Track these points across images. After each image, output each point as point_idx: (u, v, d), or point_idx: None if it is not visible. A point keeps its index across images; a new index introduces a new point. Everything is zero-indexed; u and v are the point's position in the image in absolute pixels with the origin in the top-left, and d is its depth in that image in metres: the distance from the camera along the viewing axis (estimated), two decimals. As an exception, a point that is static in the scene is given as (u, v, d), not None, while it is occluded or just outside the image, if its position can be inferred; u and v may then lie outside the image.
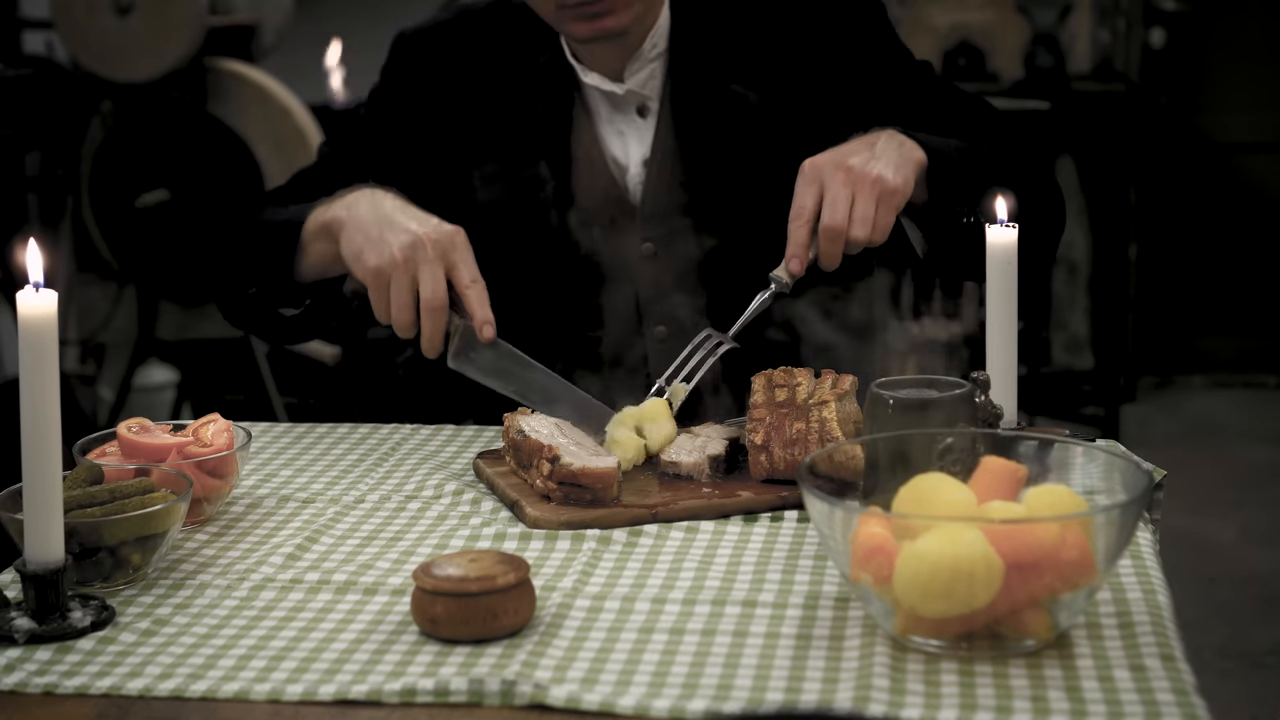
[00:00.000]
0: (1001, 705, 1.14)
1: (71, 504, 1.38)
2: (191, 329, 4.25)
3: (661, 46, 1.93)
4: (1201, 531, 4.37)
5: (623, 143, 1.95)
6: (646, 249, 1.94)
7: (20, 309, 1.27)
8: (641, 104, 1.94)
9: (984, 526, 1.18)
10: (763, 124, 1.92)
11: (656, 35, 1.92)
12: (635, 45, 1.91)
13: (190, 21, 4.00)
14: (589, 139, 1.95)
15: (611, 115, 1.95)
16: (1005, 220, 1.59)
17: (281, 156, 4.07)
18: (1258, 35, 5.71)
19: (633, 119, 1.95)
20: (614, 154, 1.95)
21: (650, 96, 1.94)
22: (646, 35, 1.91)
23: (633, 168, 1.94)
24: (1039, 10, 5.42)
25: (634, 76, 1.93)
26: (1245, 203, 5.76)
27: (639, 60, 1.92)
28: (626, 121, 1.95)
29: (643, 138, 1.94)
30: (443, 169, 1.98)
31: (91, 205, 4.18)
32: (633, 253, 1.94)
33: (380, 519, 1.59)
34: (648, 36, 1.91)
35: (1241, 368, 5.83)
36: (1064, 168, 5.36)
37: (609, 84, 1.93)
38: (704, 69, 1.92)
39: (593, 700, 1.17)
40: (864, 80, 1.94)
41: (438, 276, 1.67)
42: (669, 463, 1.65)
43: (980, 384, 1.53)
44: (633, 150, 1.94)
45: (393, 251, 1.67)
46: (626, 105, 1.94)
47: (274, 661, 1.25)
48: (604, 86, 1.93)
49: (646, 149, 1.94)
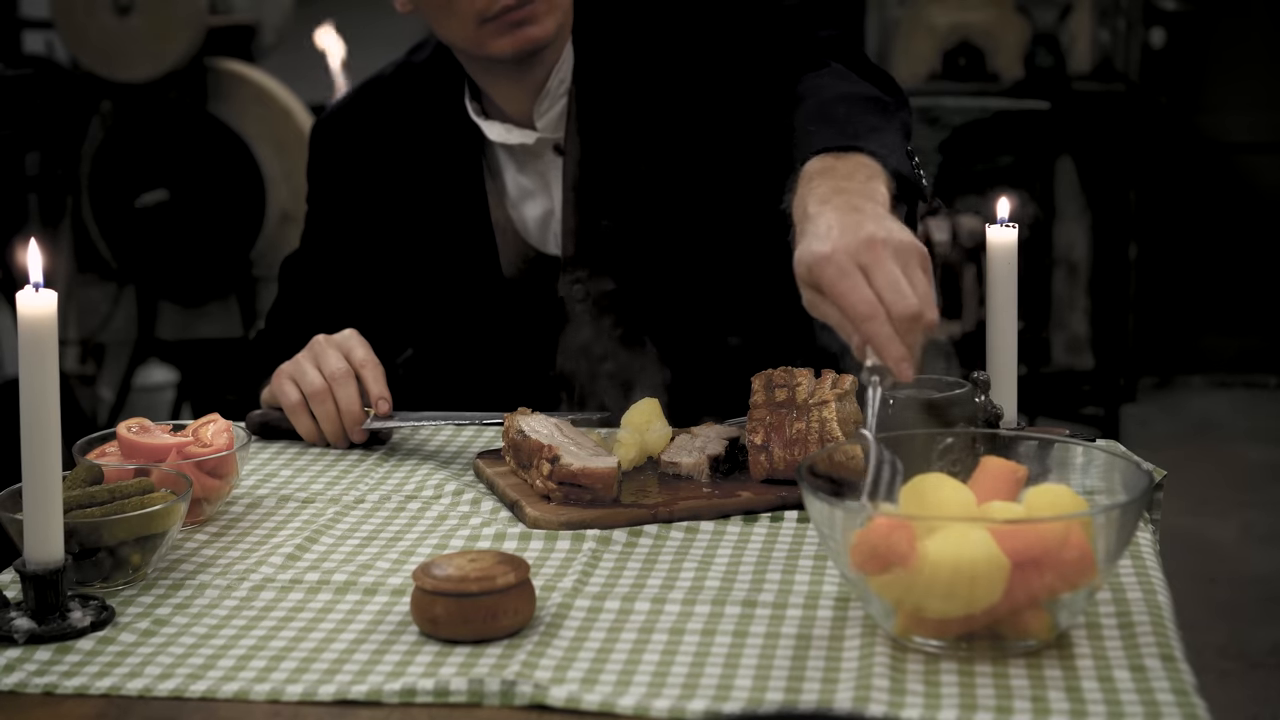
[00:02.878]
0: (1001, 705, 1.14)
1: (71, 504, 1.38)
2: (191, 329, 4.25)
3: (568, 82, 1.90)
4: (1201, 531, 4.37)
5: (544, 184, 1.93)
6: (577, 292, 1.93)
7: (20, 309, 1.27)
8: (556, 144, 1.92)
9: (989, 526, 1.18)
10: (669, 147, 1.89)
11: (562, 70, 1.89)
12: (542, 80, 1.89)
13: (190, 21, 4.01)
14: (499, 210, 1.95)
15: (524, 164, 1.94)
16: (1005, 220, 1.59)
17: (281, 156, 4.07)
18: (1258, 35, 5.72)
19: (552, 159, 1.93)
20: (524, 216, 1.95)
21: (561, 138, 1.91)
22: (553, 69, 1.89)
23: (556, 209, 1.93)
24: (1039, 10, 5.42)
25: (544, 118, 1.90)
26: (1245, 203, 5.76)
27: (547, 98, 1.90)
28: (544, 163, 1.93)
29: (560, 176, 1.93)
30: (381, 246, 1.99)
31: (91, 205, 4.19)
32: (565, 296, 1.94)
33: (380, 519, 1.59)
34: (554, 71, 1.89)
35: (1241, 368, 5.83)
36: (1064, 168, 5.36)
37: (519, 134, 1.91)
38: (611, 100, 1.89)
39: (593, 700, 1.17)
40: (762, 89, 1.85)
41: (337, 357, 1.79)
42: (669, 463, 1.65)
43: (980, 384, 1.54)
44: (554, 190, 1.93)
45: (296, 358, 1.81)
46: (540, 150, 1.93)
47: (274, 661, 1.25)
48: (513, 139, 1.91)
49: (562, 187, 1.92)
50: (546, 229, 1.95)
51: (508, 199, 1.95)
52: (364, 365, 1.79)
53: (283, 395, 1.80)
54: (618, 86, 1.90)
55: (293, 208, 4.05)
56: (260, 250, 4.14)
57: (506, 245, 1.96)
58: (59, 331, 1.30)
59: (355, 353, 1.80)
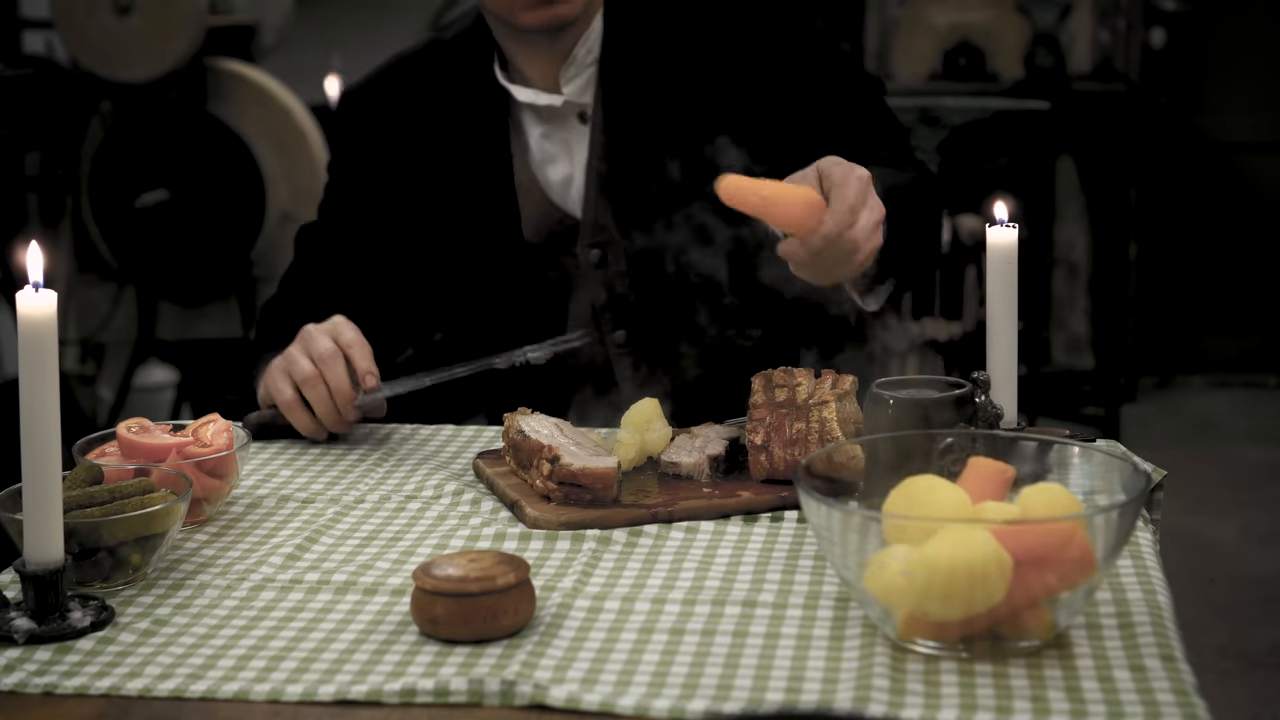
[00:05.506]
0: (1001, 705, 1.14)
1: (71, 504, 1.38)
2: (191, 329, 4.25)
3: (596, 53, 1.95)
4: (1201, 531, 4.37)
5: (567, 152, 1.98)
6: (593, 256, 1.98)
7: (20, 309, 1.27)
8: (581, 111, 1.97)
9: (991, 527, 1.18)
10: (696, 126, 1.93)
11: (590, 41, 1.95)
12: (569, 48, 1.94)
13: (190, 21, 4.00)
14: (522, 165, 1.99)
15: (551, 129, 1.98)
16: (1005, 220, 1.59)
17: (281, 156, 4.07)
18: (1258, 35, 5.71)
19: (575, 126, 1.98)
20: (551, 173, 1.99)
21: (588, 104, 1.97)
22: (580, 39, 1.94)
23: (577, 176, 1.98)
24: (1039, 10, 5.42)
25: (571, 84, 1.96)
26: (1245, 203, 5.76)
27: (574, 66, 1.95)
28: (568, 130, 1.98)
29: (584, 144, 1.98)
30: (403, 215, 2.03)
31: (91, 205, 4.18)
32: (582, 262, 1.98)
33: (380, 519, 1.59)
34: (580, 41, 1.94)
35: (1241, 368, 5.83)
36: (1064, 168, 5.36)
37: (545, 97, 1.96)
38: (637, 74, 1.95)
39: (593, 700, 1.17)
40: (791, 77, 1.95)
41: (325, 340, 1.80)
42: (669, 463, 1.65)
43: (980, 384, 1.54)
44: (577, 158, 1.98)
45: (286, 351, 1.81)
46: (566, 114, 1.97)
47: (274, 661, 1.25)
48: (540, 101, 1.96)
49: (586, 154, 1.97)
50: (567, 193, 1.99)
51: (532, 160, 1.99)
52: (351, 345, 1.80)
53: (278, 393, 1.81)
54: (645, 61, 1.95)
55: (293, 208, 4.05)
56: (260, 250, 4.14)
57: (530, 206, 1.99)
58: (59, 331, 1.30)
59: (343, 334, 1.81)
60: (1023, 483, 1.30)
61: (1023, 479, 1.32)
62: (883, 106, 2.01)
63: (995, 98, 5.18)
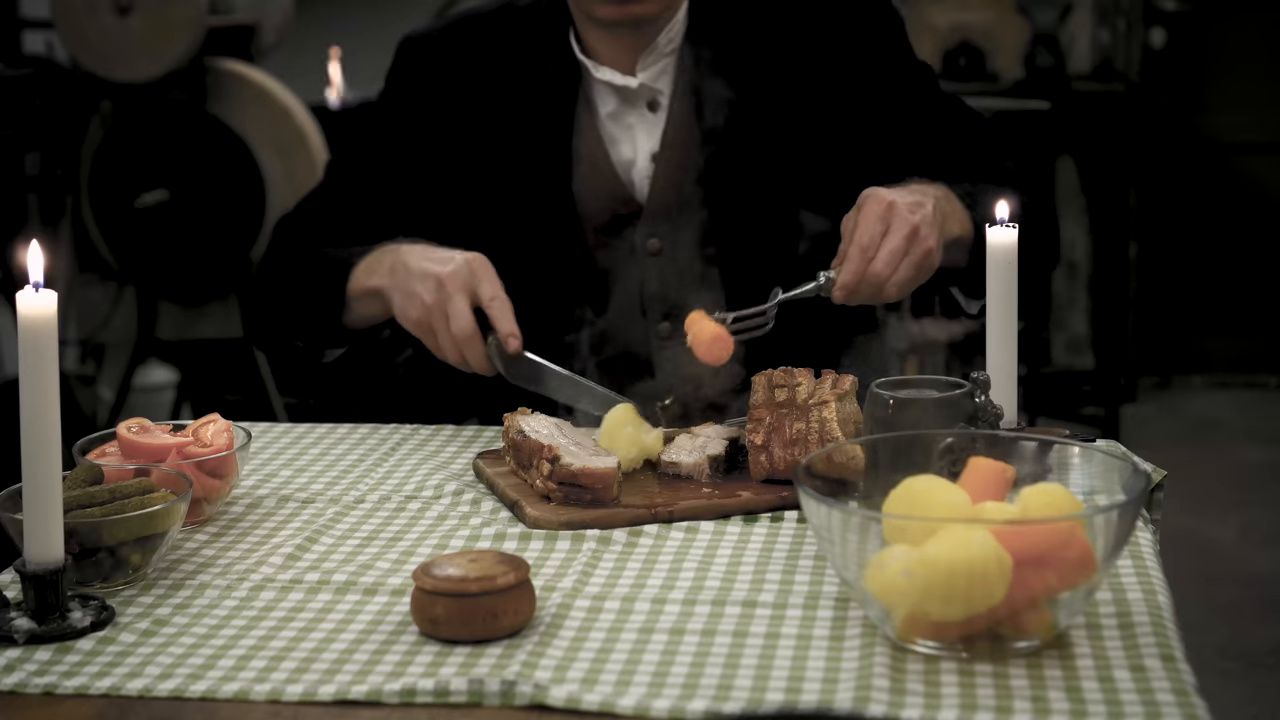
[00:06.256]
0: (1001, 705, 1.14)
1: (71, 504, 1.38)
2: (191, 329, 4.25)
3: (677, 43, 1.95)
4: (1202, 531, 4.37)
5: (631, 137, 1.97)
6: (652, 245, 1.96)
7: (20, 309, 1.27)
8: (652, 98, 1.96)
9: (991, 527, 1.18)
10: (772, 124, 1.94)
11: (673, 30, 1.95)
12: (651, 38, 1.93)
13: (190, 21, 4.00)
14: (592, 138, 1.96)
15: (620, 110, 1.97)
16: (1005, 220, 1.59)
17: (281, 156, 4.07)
18: (1258, 35, 5.71)
19: (643, 113, 1.97)
20: (618, 152, 1.97)
21: (661, 91, 1.96)
22: (663, 29, 1.94)
23: (640, 163, 1.96)
24: (1039, 10, 5.42)
25: (646, 70, 1.95)
26: (1245, 203, 5.76)
27: (653, 54, 1.95)
28: (637, 116, 1.97)
29: (651, 133, 1.96)
30: (452, 171, 2.00)
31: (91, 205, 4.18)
32: (638, 249, 1.96)
33: (380, 519, 1.59)
34: (663, 31, 1.94)
35: (1241, 368, 5.83)
36: (1064, 168, 5.36)
37: (621, 78, 1.95)
38: (717, 66, 1.94)
39: (593, 700, 1.17)
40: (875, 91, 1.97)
41: (461, 309, 1.75)
42: (669, 463, 1.65)
43: (980, 384, 1.53)
44: (640, 145, 1.96)
45: (423, 300, 1.76)
46: (637, 99, 1.96)
47: (274, 661, 1.25)
48: (615, 80, 1.95)
49: (655, 144, 1.96)
50: (629, 176, 1.97)
51: (604, 134, 1.97)
52: (491, 302, 1.76)
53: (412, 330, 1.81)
54: (726, 55, 1.94)
55: (293, 208, 4.04)
56: (260, 250, 4.13)
57: (595, 179, 1.96)
58: (59, 331, 1.30)
59: (482, 289, 1.76)
60: (1023, 483, 1.30)
61: (1023, 479, 1.32)
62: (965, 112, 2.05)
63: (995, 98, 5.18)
